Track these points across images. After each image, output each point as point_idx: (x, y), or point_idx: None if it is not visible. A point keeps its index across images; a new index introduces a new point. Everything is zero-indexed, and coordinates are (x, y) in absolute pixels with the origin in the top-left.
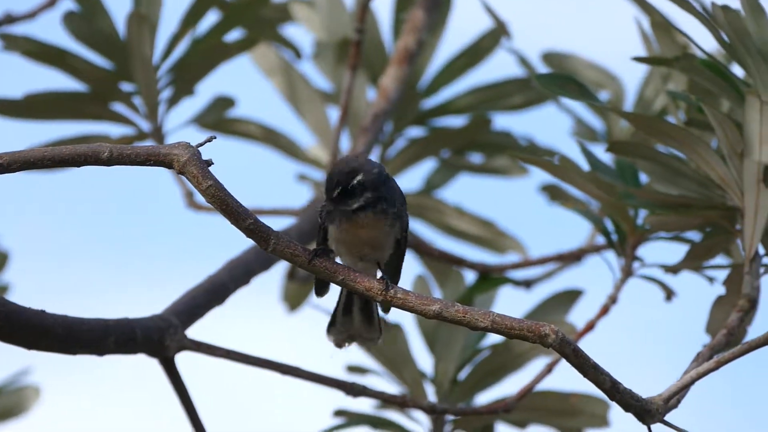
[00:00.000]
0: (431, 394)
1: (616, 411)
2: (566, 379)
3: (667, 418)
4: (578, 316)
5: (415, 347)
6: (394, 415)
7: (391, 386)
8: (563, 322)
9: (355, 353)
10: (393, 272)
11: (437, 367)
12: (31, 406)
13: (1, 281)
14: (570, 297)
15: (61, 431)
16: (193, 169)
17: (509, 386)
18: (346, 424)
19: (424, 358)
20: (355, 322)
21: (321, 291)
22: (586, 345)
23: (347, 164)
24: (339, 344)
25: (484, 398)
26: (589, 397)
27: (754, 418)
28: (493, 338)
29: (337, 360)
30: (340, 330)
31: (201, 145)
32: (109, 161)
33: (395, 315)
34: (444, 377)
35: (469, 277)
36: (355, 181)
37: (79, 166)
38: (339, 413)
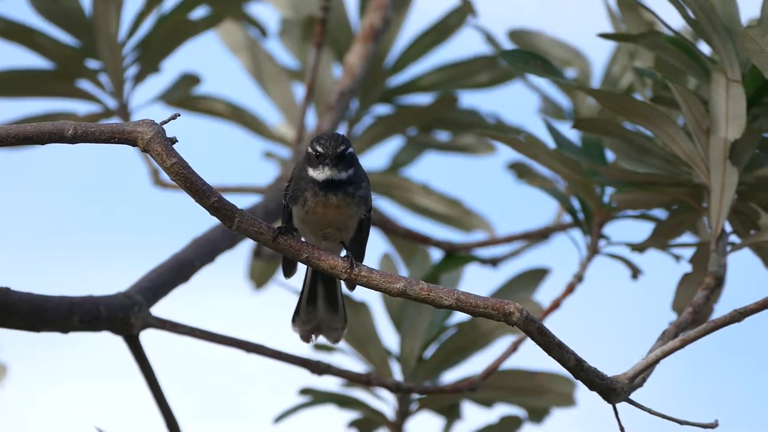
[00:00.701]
0: (397, 372)
1: (581, 390)
2: (533, 357)
3: (633, 396)
4: (545, 294)
5: (381, 325)
6: (360, 394)
7: (357, 364)
8: (530, 301)
9: None
10: (358, 251)
11: (403, 346)
12: None
13: None
14: (536, 275)
15: (27, 409)
16: (157, 146)
17: (476, 365)
18: (312, 402)
19: (390, 337)
20: (319, 311)
21: (288, 272)
22: (551, 323)
23: (338, 134)
24: (305, 338)
25: (450, 377)
26: (555, 376)
27: (719, 396)
28: (459, 317)
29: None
30: (304, 320)
31: (165, 122)
32: (73, 139)
33: (361, 293)
34: (410, 355)
35: (436, 255)
36: (351, 149)
37: (43, 144)
38: (305, 391)
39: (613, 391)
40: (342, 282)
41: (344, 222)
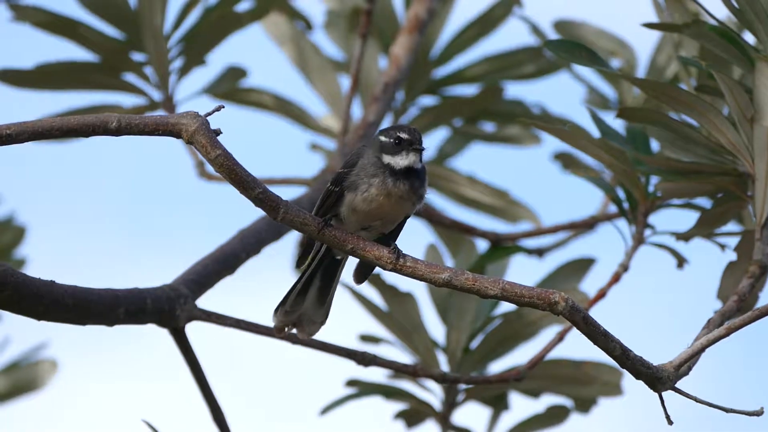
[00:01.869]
0: (443, 363)
1: (628, 379)
2: (579, 347)
3: (678, 385)
4: (590, 284)
5: (427, 316)
6: (406, 385)
7: (403, 356)
8: (576, 291)
9: (367, 322)
10: (393, 237)
11: (449, 336)
12: (48, 380)
13: (19, 255)
14: (582, 265)
15: (77, 404)
16: (201, 138)
17: (522, 355)
18: (359, 393)
19: (436, 328)
20: (306, 303)
21: (301, 262)
22: (597, 313)
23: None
24: (279, 329)
25: (496, 367)
26: (602, 365)
27: (765, 384)
28: (505, 307)
29: (349, 329)
30: (288, 311)
31: (209, 114)
32: (117, 131)
33: (406, 284)
34: (456, 346)
35: (482, 246)
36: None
37: (87, 137)
38: (351, 383)
39: (658, 379)
40: (338, 276)
41: (396, 216)
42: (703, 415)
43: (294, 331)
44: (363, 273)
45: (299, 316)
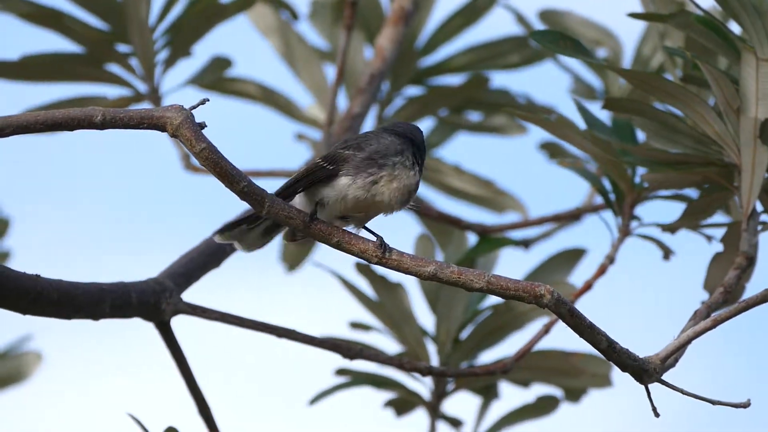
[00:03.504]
0: (433, 353)
1: (616, 371)
2: (571, 338)
3: (665, 377)
4: (576, 276)
5: (417, 307)
6: (396, 374)
7: (393, 345)
8: (564, 283)
9: (356, 311)
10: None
11: (439, 327)
12: (32, 372)
13: (2, 248)
14: (572, 256)
15: (62, 397)
16: (186, 131)
17: (513, 345)
18: (348, 383)
19: (426, 318)
20: (252, 234)
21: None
22: (584, 305)
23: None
24: (221, 241)
25: (486, 357)
26: (591, 357)
27: (752, 375)
28: (495, 298)
29: (340, 316)
30: (230, 237)
31: (194, 107)
32: (102, 125)
33: (397, 275)
34: (446, 337)
35: (472, 238)
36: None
37: (72, 130)
38: (341, 372)
39: (645, 372)
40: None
41: (381, 212)
42: (690, 407)
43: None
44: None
45: (239, 240)
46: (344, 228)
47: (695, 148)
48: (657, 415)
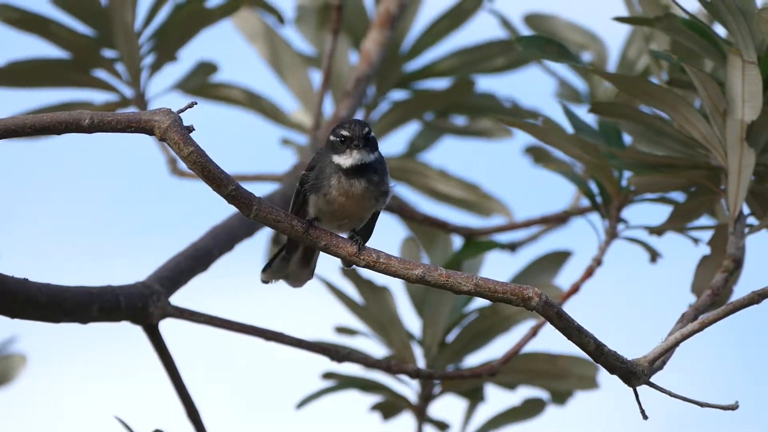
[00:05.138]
0: (419, 356)
1: (604, 373)
2: (558, 340)
3: (653, 379)
4: (564, 278)
5: (404, 310)
6: (383, 377)
7: (379, 348)
8: (550, 285)
9: (343, 315)
10: (365, 233)
11: (425, 330)
12: (17, 374)
13: None
14: (558, 259)
15: (47, 399)
16: (174, 135)
17: (499, 348)
18: (335, 387)
19: (412, 321)
20: (291, 265)
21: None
22: (571, 307)
23: (359, 119)
24: (265, 281)
25: (473, 360)
26: (578, 359)
27: (739, 378)
28: (481, 301)
29: (325, 321)
30: (275, 271)
31: (182, 111)
32: (90, 128)
33: (383, 278)
34: (432, 340)
35: (457, 241)
36: (373, 133)
37: (60, 134)
38: (327, 375)
39: (633, 374)
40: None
41: (362, 214)
42: (679, 410)
43: (283, 281)
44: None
45: (285, 275)
46: (332, 232)
47: (682, 151)
48: (645, 417)
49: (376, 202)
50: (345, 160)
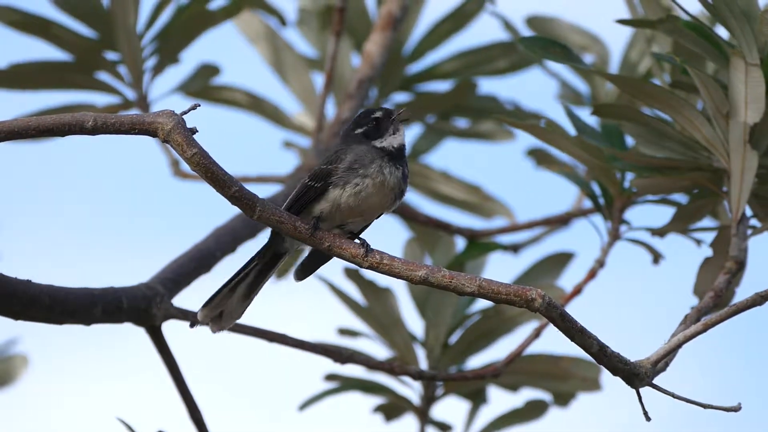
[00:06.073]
0: (422, 358)
1: (606, 375)
2: (560, 342)
3: (656, 381)
4: (566, 280)
5: (406, 312)
6: (385, 379)
7: (382, 350)
8: (553, 287)
9: (345, 317)
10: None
11: (428, 332)
12: (19, 375)
13: None
14: (560, 260)
15: (49, 400)
16: (177, 137)
17: (502, 349)
18: (338, 389)
19: (415, 323)
20: (233, 299)
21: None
22: (574, 309)
23: None
24: (202, 322)
25: (475, 362)
26: (580, 361)
27: (742, 379)
28: (484, 303)
29: (328, 323)
30: (214, 307)
31: (185, 113)
32: (93, 130)
33: (385, 279)
34: (435, 341)
35: (460, 243)
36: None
37: (63, 136)
38: (330, 377)
39: (636, 375)
40: (271, 273)
41: (377, 211)
42: (681, 411)
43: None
44: (307, 269)
45: (221, 312)
46: (335, 233)
47: (684, 153)
48: (648, 419)
49: (394, 200)
50: (393, 139)
